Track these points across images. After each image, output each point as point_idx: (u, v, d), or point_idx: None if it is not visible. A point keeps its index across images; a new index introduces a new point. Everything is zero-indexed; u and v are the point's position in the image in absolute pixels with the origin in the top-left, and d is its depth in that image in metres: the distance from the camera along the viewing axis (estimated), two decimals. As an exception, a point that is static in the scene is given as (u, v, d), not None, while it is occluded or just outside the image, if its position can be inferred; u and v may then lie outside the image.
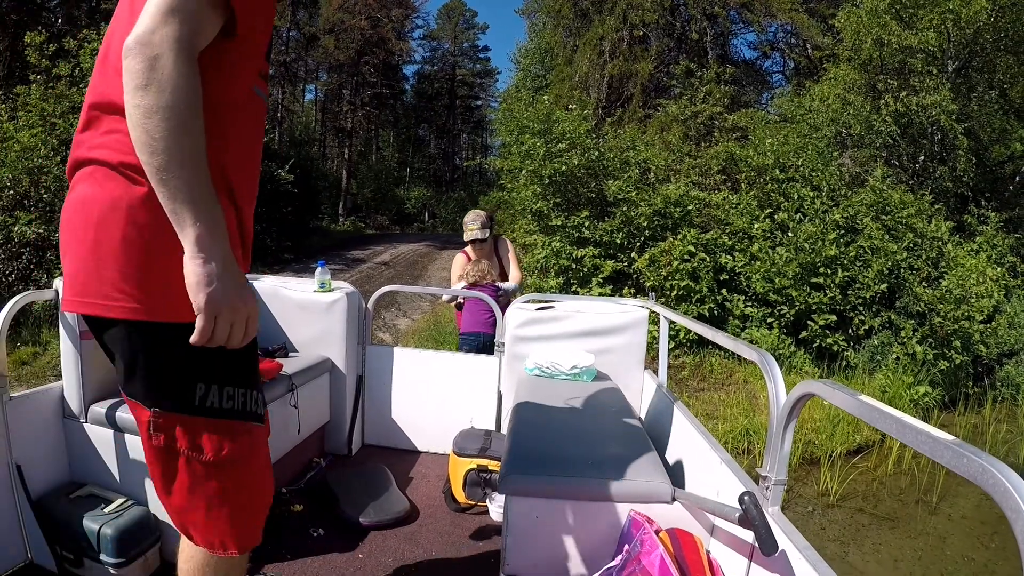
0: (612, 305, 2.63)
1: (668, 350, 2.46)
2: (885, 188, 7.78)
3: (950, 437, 0.74)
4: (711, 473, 1.60)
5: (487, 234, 3.33)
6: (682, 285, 7.37)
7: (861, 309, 7.26)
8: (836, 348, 7.16)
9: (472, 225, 3.33)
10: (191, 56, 0.84)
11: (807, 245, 7.19)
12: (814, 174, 8.03)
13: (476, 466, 2.25)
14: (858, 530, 4.35)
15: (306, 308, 2.61)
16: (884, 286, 7.18)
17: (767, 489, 1.22)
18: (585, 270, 7.81)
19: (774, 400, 1.22)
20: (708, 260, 7.52)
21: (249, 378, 1.05)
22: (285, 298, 2.61)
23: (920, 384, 6.67)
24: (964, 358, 7.03)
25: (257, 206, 1.13)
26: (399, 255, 14.39)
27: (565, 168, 7.87)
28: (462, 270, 3.38)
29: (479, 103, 36.99)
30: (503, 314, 2.76)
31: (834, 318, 7.13)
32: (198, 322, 0.86)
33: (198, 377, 0.97)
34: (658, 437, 2.16)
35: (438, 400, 2.79)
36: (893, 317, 7.24)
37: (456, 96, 35.83)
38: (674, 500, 1.43)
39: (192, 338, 0.87)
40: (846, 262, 7.19)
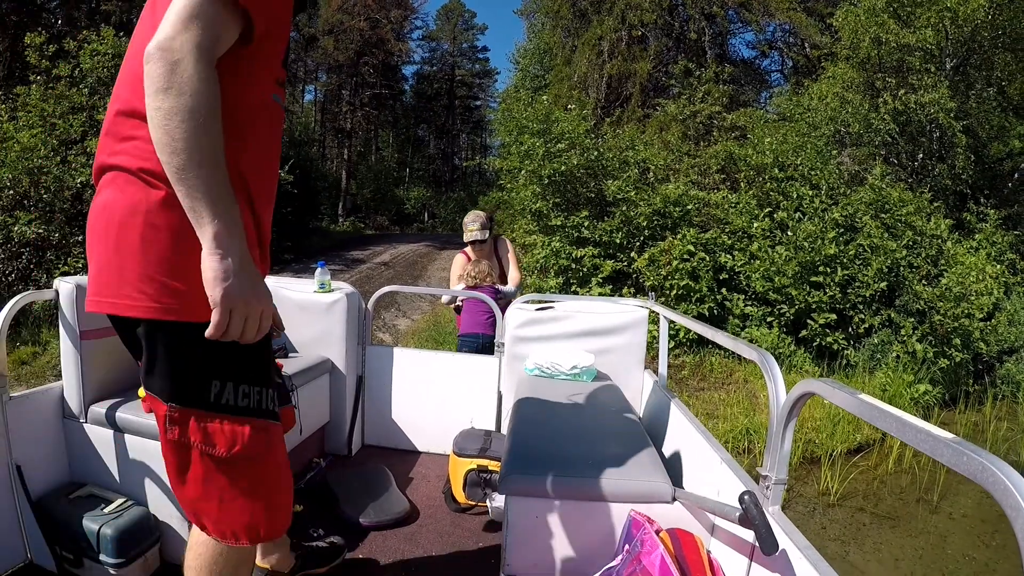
0: (612, 305, 2.63)
1: (668, 350, 2.46)
2: (884, 186, 7.77)
3: (950, 435, 0.74)
4: (711, 472, 1.59)
5: (487, 235, 3.33)
6: (682, 284, 7.36)
7: (861, 307, 7.26)
8: (836, 347, 7.16)
9: (472, 226, 3.32)
10: (210, 61, 0.88)
11: (806, 244, 7.19)
12: (813, 173, 8.02)
13: (476, 466, 2.25)
14: (859, 529, 4.35)
15: (306, 309, 2.61)
16: (884, 284, 7.18)
17: (767, 488, 1.22)
18: (585, 270, 7.81)
19: (774, 399, 1.22)
20: (708, 259, 7.52)
21: (264, 377, 1.08)
22: (285, 298, 2.61)
23: (920, 382, 6.66)
24: (964, 356, 7.02)
25: None
26: (399, 255, 14.39)
27: (564, 168, 7.86)
28: (462, 271, 3.38)
29: (478, 103, 37.01)
30: (503, 315, 2.76)
31: (834, 317, 7.12)
32: (213, 316, 0.89)
33: (214, 375, 1.00)
34: (658, 437, 2.16)
35: (438, 400, 2.79)
36: (893, 315, 7.24)
37: (455, 96, 35.84)
38: (674, 500, 1.43)
39: (207, 332, 0.90)
40: (845, 261, 7.19)
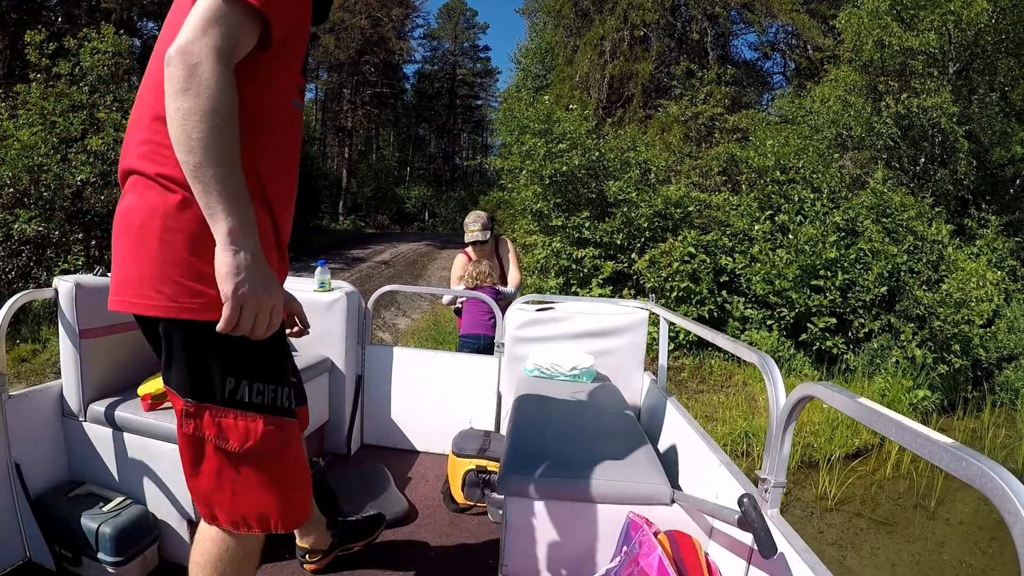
0: (612, 306, 2.63)
1: (668, 352, 2.45)
2: (885, 190, 7.78)
3: (949, 440, 0.74)
4: (710, 475, 1.59)
5: (488, 236, 3.32)
6: (682, 286, 7.36)
7: (861, 312, 7.26)
8: (836, 351, 7.15)
9: (473, 227, 3.32)
10: (228, 65, 0.91)
11: (807, 247, 7.18)
12: (815, 176, 8.01)
13: (475, 467, 2.25)
14: (856, 534, 4.35)
15: (306, 307, 2.59)
16: (884, 289, 7.18)
17: (766, 491, 1.22)
18: (585, 271, 7.81)
19: (773, 402, 1.22)
20: (708, 262, 7.52)
21: (280, 375, 1.10)
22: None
23: (919, 388, 6.66)
24: (963, 362, 7.02)
25: None
26: (399, 254, 14.40)
27: (565, 168, 7.86)
28: (463, 271, 3.37)
29: (479, 103, 37.01)
30: (503, 315, 2.75)
31: (834, 321, 7.12)
32: (224, 310, 0.91)
33: (229, 372, 1.03)
34: (657, 439, 2.16)
35: (437, 400, 2.79)
36: (893, 320, 7.23)
37: (456, 96, 35.83)
38: (673, 502, 1.43)
39: (218, 326, 0.92)
40: (846, 265, 7.18)
